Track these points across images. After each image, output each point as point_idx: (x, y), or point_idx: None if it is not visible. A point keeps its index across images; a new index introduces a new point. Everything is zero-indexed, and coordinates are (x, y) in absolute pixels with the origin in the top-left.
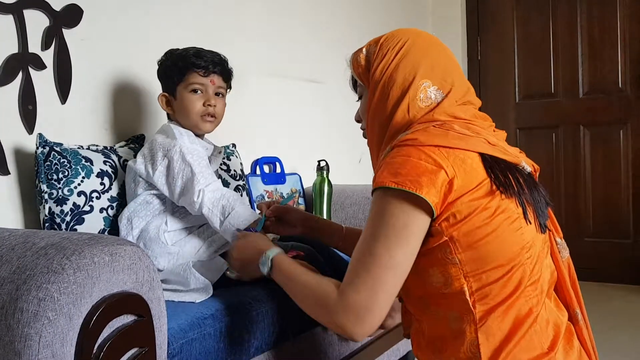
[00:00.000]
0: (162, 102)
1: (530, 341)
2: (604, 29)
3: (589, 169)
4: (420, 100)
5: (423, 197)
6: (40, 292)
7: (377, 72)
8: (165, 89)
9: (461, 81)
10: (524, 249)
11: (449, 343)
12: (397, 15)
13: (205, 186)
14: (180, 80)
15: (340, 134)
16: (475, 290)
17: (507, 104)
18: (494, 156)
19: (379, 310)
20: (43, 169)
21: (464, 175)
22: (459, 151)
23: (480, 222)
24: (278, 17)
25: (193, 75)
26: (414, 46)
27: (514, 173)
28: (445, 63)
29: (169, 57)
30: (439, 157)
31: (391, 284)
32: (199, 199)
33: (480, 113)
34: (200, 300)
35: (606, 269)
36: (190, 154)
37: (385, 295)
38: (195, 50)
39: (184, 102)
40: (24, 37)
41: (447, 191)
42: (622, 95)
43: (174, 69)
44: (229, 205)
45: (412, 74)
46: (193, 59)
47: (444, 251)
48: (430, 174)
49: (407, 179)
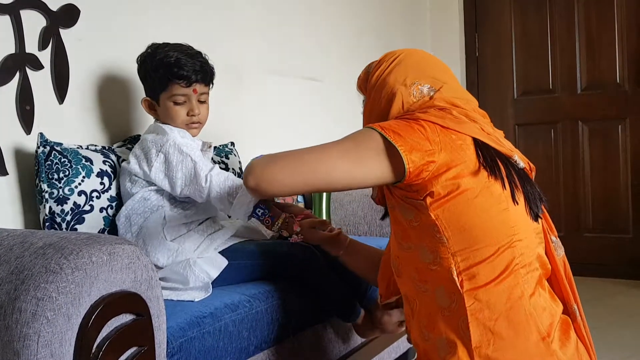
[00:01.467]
0: (145, 106)
1: (526, 324)
2: (601, 25)
3: (588, 164)
4: (413, 95)
5: (397, 149)
6: (39, 292)
7: (373, 79)
8: (147, 93)
9: (455, 84)
10: (512, 229)
11: (439, 321)
12: (395, 13)
13: (209, 171)
14: (163, 89)
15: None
16: (462, 270)
17: (505, 100)
18: (486, 143)
19: (273, 172)
20: (44, 168)
21: (450, 151)
22: (452, 132)
23: (464, 201)
24: (276, 15)
25: (175, 87)
26: (408, 56)
27: (504, 161)
28: (437, 69)
29: (149, 60)
30: (431, 130)
31: (308, 169)
32: (207, 183)
33: (480, 110)
34: (199, 298)
35: (605, 264)
36: (185, 145)
37: (294, 168)
38: (176, 58)
39: (167, 111)
40: (21, 37)
41: (427, 161)
42: (620, 91)
43: (155, 77)
44: (235, 186)
45: (404, 77)
46: (175, 69)
47: (432, 229)
48: (416, 138)
49: (392, 130)
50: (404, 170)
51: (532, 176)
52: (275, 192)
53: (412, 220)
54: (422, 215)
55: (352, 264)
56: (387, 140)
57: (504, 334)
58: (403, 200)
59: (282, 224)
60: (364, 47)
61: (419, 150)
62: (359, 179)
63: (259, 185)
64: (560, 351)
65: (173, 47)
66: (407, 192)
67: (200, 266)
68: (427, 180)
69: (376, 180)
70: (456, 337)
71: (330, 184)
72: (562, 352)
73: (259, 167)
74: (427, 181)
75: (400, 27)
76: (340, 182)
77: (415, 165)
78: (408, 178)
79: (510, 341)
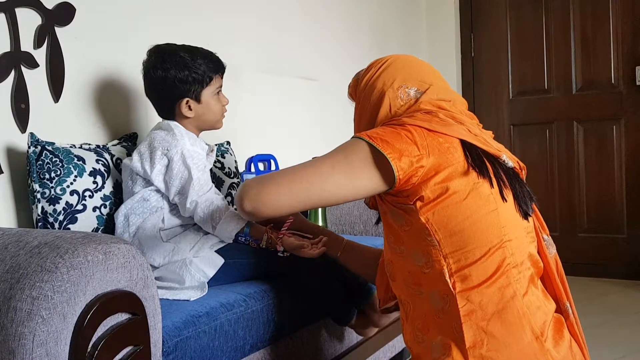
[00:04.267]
0: (187, 107)
1: (520, 324)
2: (596, 25)
3: (583, 164)
4: (400, 99)
5: (386, 157)
6: (34, 291)
7: (362, 84)
8: (186, 94)
9: (443, 85)
10: (502, 230)
11: (433, 323)
12: (391, 12)
13: (198, 197)
14: (207, 84)
15: (334, 131)
16: (455, 271)
17: (500, 100)
18: (473, 144)
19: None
20: (35, 168)
21: (438, 154)
22: (440, 135)
23: (453, 204)
24: (272, 14)
25: (217, 78)
26: (396, 61)
27: (492, 161)
28: (425, 72)
29: (180, 59)
30: (418, 134)
31: (302, 187)
32: (192, 206)
33: (468, 112)
34: (195, 298)
35: (600, 264)
36: (191, 157)
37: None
38: (206, 52)
39: (210, 106)
40: (16, 35)
41: (416, 167)
42: (615, 91)
43: (197, 72)
44: (219, 211)
45: (391, 80)
46: (217, 62)
47: (423, 232)
48: (404, 144)
49: (380, 139)
50: (394, 177)
51: (522, 175)
52: (271, 214)
53: (403, 224)
54: (412, 220)
55: (351, 264)
56: (375, 149)
57: (498, 333)
58: (393, 205)
59: (265, 245)
60: (359, 47)
61: (407, 156)
62: (352, 191)
63: (256, 208)
64: (553, 350)
65: (182, 46)
66: (398, 197)
67: (197, 265)
68: (416, 185)
69: (369, 190)
70: (450, 339)
71: (324, 199)
72: (556, 351)
73: (253, 190)
74: (417, 186)
75: (395, 28)
76: (334, 196)
77: (404, 172)
78: (398, 185)
79: (503, 341)
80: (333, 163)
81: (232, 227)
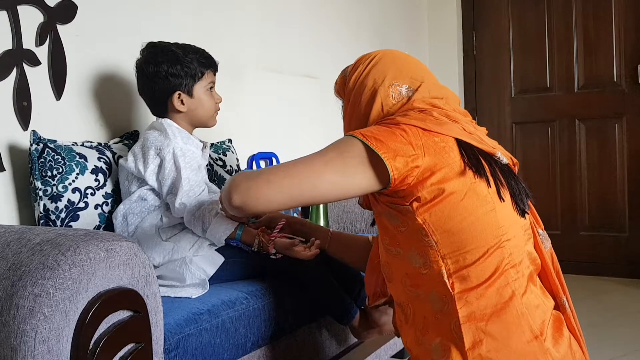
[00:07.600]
0: (179, 102)
1: (519, 324)
2: (599, 23)
3: (585, 162)
4: (392, 97)
5: (380, 157)
6: (36, 288)
7: (351, 82)
8: (178, 87)
9: (433, 80)
10: (500, 230)
11: (432, 324)
12: (393, 10)
13: (188, 199)
14: (199, 79)
15: (335, 128)
16: (453, 272)
17: (502, 98)
18: (469, 143)
19: (259, 189)
20: (37, 165)
21: (434, 154)
22: (435, 134)
23: (451, 204)
24: (273, 12)
25: (209, 74)
26: (384, 57)
27: (488, 159)
28: (414, 68)
29: (172, 54)
30: (412, 134)
31: (294, 183)
32: (181, 209)
33: (461, 109)
34: (196, 295)
35: (601, 263)
36: (183, 156)
37: (279, 183)
38: (198, 48)
39: (202, 102)
40: (18, 33)
41: (412, 167)
42: (617, 89)
43: (190, 66)
44: (208, 222)
45: (382, 78)
46: (208, 58)
47: (420, 233)
48: (398, 144)
49: (374, 138)
50: (388, 177)
51: (515, 170)
52: (261, 210)
53: (399, 225)
54: (409, 221)
55: (339, 254)
56: (369, 148)
57: (497, 334)
58: (389, 206)
59: (257, 248)
60: (360, 45)
61: (402, 156)
62: (345, 189)
63: (245, 203)
64: (553, 349)
65: (174, 43)
66: (393, 198)
67: (197, 264)
68: (412, 186)
69: (362, 189)
70: (449, 340)
71: (316, 197)
72: (556, 350)
73: (243, 184)
74: (413, 186)
75: (397, 25)
76: (327, 194)
77: (399, 172)
78: (393, 185)
79: (503, 341)
80: (326, 161)
81: (221, 232)
